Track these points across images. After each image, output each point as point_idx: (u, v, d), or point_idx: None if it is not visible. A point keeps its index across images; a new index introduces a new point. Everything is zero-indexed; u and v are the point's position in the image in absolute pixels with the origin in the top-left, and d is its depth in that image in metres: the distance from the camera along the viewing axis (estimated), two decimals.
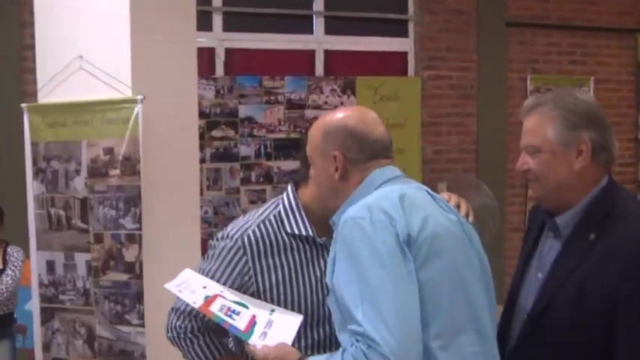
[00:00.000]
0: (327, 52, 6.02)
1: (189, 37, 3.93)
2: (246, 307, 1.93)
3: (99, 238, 3.59)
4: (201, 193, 5.35)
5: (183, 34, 3.88)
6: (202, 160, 5.37)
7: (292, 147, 5.75)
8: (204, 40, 5.43)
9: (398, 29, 6.24)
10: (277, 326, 1.90)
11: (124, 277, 3.57)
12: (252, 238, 1.95)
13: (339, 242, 1.72)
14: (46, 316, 3.74)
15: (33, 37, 4.04)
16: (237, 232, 1.97)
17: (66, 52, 3.74)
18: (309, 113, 5.77)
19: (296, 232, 1.96)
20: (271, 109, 5.69)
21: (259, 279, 1.94)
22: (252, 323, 1.90)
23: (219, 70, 5.70)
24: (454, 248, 1.76)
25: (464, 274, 1.76)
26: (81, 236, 3.63)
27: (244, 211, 5.53)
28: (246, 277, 1.95)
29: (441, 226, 1.75)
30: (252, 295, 1.96)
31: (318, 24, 6.00)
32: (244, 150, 5.64)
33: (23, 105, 3.89)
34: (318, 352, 1.94)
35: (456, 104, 6.30)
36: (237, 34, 5.76)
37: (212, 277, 1.98)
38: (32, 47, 4.12)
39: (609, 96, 6.89)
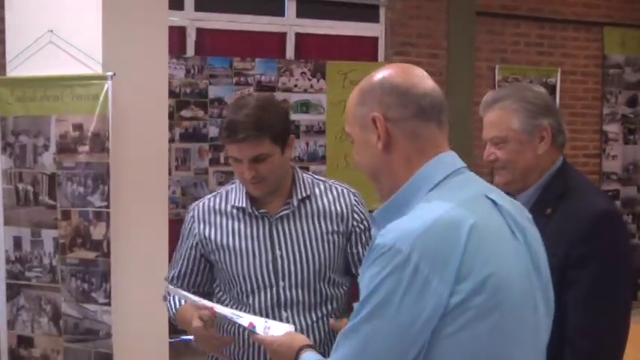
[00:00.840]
0: (298, 35, 6.02)
1: (161, 16, 3.91)
2: (241, 317, 2.03)
3: (66, 215, 3.58)
4: (170, 173, 5.33)
5: (155, 12, 3.86)
6: (171, 140, 5.35)
7: None
8: (176, 19, 5.39)
9: (369, 14, 6.27)
10: (274, 330, 1.97)
11: (91, 254, 3.56)
12: (201, 207, 2.29)
13: (369, 262, 1.41)
14: (12, 292, 3.71)
15: (2, 8, 3.99)
16: (193, 204, 2.36)
17: (36, 25, 3.71)
18: (278, 96, 5.74)
19: (236, 204, 2.23)
20: (241, 90, 5.67)
21: (205, 238, 2.25)
22: (252, 326, 1.98)
23: (190, 50, 5.67)
24: (508, 314, 1.40)
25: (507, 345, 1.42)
26: (48, 212, 3.60)
27: (212, 192, 5.58)
28: (197, 238, 2.26)
29: (504, 284, 1.39)
30: (202, 249, 2.26)
31: (290, 7, 5.99)
32: (213, 131, 5.62)
33: None
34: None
35: None
36: (209, 14, 5.72)
37: (181, 237, 2.33)
38: (1, 20, 4.07)
39: (575, 87, 7.01)
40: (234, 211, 2.23)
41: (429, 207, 1.41)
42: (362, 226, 2.26)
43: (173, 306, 2.32)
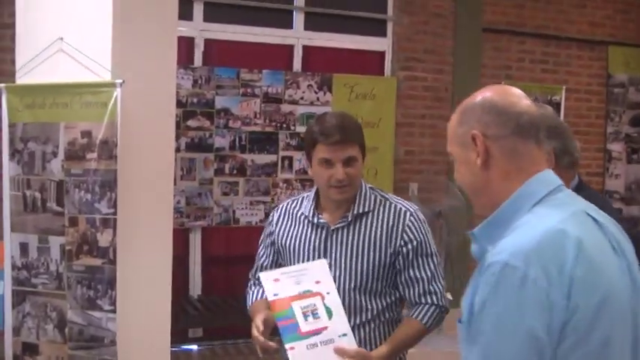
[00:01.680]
0: (305, 48, 6.05)
1: (171, 25, 3.92)
2: (330, 316, 2.26)
3: (74, 222, 3.57)
4: (175, 183, 5.34)
5: (165, 22, 3.87)
6: (177, 150, 5.36)
7: (267, 140, 5.77)
8: (185, 29, 5.42)
9: (377, 28, 6.31)
10: (327, 349, 2.23)
11: (97, 261, 3.55)
12: (280, 209, 2.60)
13: (483, 282, 1.42)
14: (18, 299, 3.69)
15: (12, 15, 4.00)
16: (278, 206, 2.65)
17: (46, 33, 3.71)
18: (284, 108, 5.80)
19: (304, 212, 2.49)
20: (248, 101, 5.71)
21: (278, 233, 2.55)
22: (316, 333, 2.23)
23: (198, 60, 5.70)
24: (616, 328, 1.42)
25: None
26: (56, 219, 3.60)
27: (217, 203, 5.61)
28: (272, 237, 2.58)
29: (613, 298, 1.42)
30: (275, 244, 2.57)
31: (298, 19, 6.03)
32: (219, 141, 5.65)
33: (1, 85, 3.85)
34: None
35: (430, 106, 6.38)
36: (218, 25, 5.76)
37: (263, 234, 2.66)
38: (11, 26, 4.08)
39: (579, 105, 7.04)
40: (302, 217, 2.50)
41: (535, 223, 1.45)
42: (409, 247, 2.38)
43: (251, 298, 2.60)
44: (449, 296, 5.76)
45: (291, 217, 2.53)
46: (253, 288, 2.62)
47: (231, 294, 5.53)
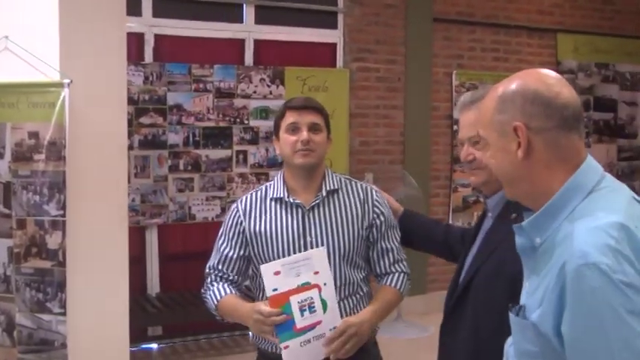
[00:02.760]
0: (256, 42, 6.03)
1: (119, 22, 3.87)
2: (325, 309, 2.31)
3: (22, 224, 3.51)
4: (129, 181, 5.29)
5: (113, 19, 3.82)
6: (130, 147, 5.33)
7: (221, 135, 5.75)
8: (134, 25, 5.36)
9: (328, 21, 6.31)
10: (319, 343, 2.31)
11: (46, 264, 3.51)
12: (245, 200, 2.60)
13: (574, 291, 1.37)
14: None
15: None
16: (238, 199, 2.65)
17: None
18: (237, 102, 5.78)
19: (275, 195, 2.54)
20: (200, 97, 5.67)
21: (247, 227, 2.54)
22: (310, 328, 2.29)
23: (149, 56, 5.65)
24: None
25: None
26: (3, 221, 3.53)
27: (172, 200, 5.57)
28: (240, 227, 2.56)
29: None
30: (245, 238, 2.55)
31: (249, 13, 6.00)
32: (173, 138, 5.61)
33: None
34: None
35: (383, 96, 6.41)
36: (167, 20, 5.70)
37: (224, 228, 2.62)
38: None
39: None
40: (273, 202, 2.54)
41: (602, 216, 1.42)
42: (382, 219, 2.55)
43: (216, 296, 2.55)
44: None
45: (260, 204, 2.56)
46: (215, 284, 2.58)
47: (189, 290, 5.51)
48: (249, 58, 6.00)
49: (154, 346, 5.73)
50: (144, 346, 5.67)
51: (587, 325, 1.35)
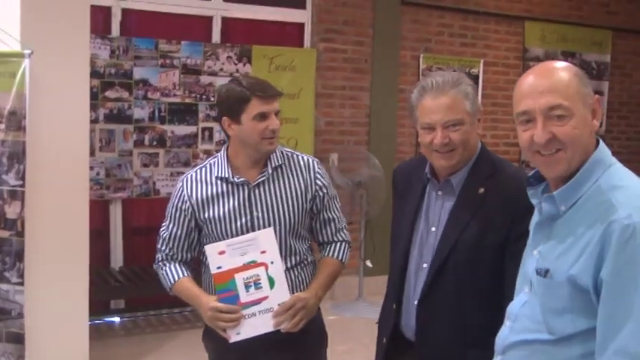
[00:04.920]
0: (224, 19, 6.02)
1: None
2: (272, 286, 2.43)
3: None
4: (94, 154, 5.30)
5: None
6: (95, 121, 5.33)
7: (186, 112, 5.76)
8: None
9: (296, 0, 6.31)
10: (266, 317, 2.43)
11: (5, 234, 3.52)
12: (190, 177, 2.63)
13: (628, 249, 1.57)
14: None
15: None
16: (182, 176, 2.67)
17: None
18: (204, 79, 5.79)
19: (220, 175, 2.58)
20: (166, 72, 5.67)
21: (194, 203, 2.58)
22: (256, 303, 2.41)
23: (115, 30, 5.62)
24: None
25: None
26: None
27: (136, 174, 5.58)
28: (187, 204, 2.59)
29: None
30: (192, 215, 2.59)
31: None
32: (138, 112, 5.61)
33: None
34: None
35: (350, 77, 6.44)
36: None
37: (170, 205, 2.65)
38: None
39: (497, 78, 7.22)
40: (218, 181, 2.58)
41: (633, 182, 1.71)
42: (324, 191, 2.65)
43: (170, 277, 2.62)
44: (369, 264, 5.92)
45: (204, 183, 2.60)
46: (168, 265, 2.66)
47: (152, 265, 5.52)
48: (216, 35, 6.00)
49: (116, 319, 5.76)
50: (106, 319, 5.70)
51: (624, 269, 1.57)
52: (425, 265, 2.27)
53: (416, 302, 2.28)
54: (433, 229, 2.28)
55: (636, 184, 1.70)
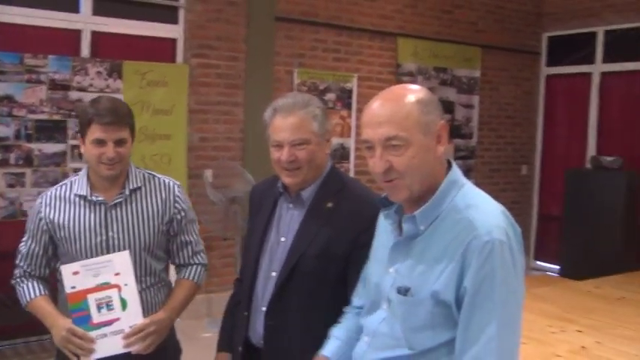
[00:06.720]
0: (94, 34, 5.88)
1: None
2: (124, 308, 2.45)
3: None
4: None
5: None
6: None
7: (55, 129, 5.59)
8: None
9: (168, 15, 6.25)
10: (116, 338, 2.45)
11: None
12: (48, 195, 2.64)
13: (487, 263, 1.68)
14: None
15: None
16: (42, 193, 2.67)
17: None
18: (73, 95, 5.63)
19: (78, 192, 2.60)
20: (33, 88, 5.48)
21: (51, 221, 2.59)
22: (107, 324, 2.44)
23: None
24: None
25: None
26: None
27: (2, 195, 5.36)
28: (44, 221, 2.60)
29: None
30: (49, 233, 2.60)
31: (86, 4, 5.84)
32: (3, 130, 5.38)
33: None
34: None
35: (223, 93, 6.43)
36: None
37: (29, 222, 2.66)
38: None
39: (372, 93, 7.24)
40: (77, 198, 2.60)
41: (485, 201, 1.81)
42: (182, 214, 2.71)
43: (27, 294, 2.61)
44: None
45: (63, 200, 2.61)
46: (25, 281, 2.65)
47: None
48: (85, 49, 5.85)
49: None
50: None
51: (484, 282, 1.68)
52: (274, 274, 2.37)
53: (264, 309, 2.36)
54: (283, 239, 2.40)
55: (488, 202, 1.81)
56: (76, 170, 5.55)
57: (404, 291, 1.80)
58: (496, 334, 1.67)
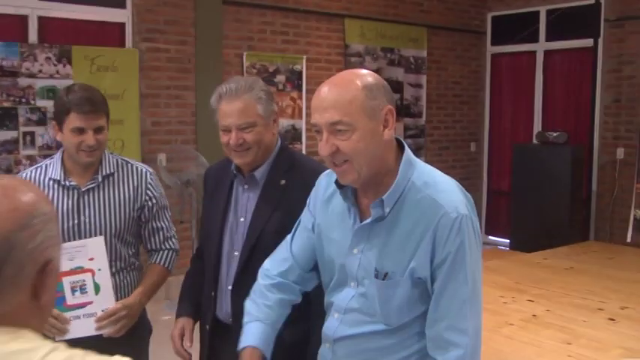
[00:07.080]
0: (41, 19, 5.85)
1: None
2: (97, 292, 2.51)
3: None
4: None
5: None
6: None
7: (6, 116, 5.57)
8: None
9: (116, 0, 6.23)
10: (89, 321, 2.52)
11: None
12: (23, 177, 2.63)
13: (458, 237, 1.79)
14: None
15: None
16: (18, 175, 2.69)
17: None
18: (22, 81, 5.62)
19: (52, 176, 2.64)
20: None
21: None
22: (81, 306, 2.50)
23: None
24: None
25: None
26: None
27: None
28: None
29: None
30: None
31: None
32: None
33: None
34: None
35: (174, 77, 6.47)
36: None
37: None
38: None
39: (320, 74, 7.47)
40: (51, 182, 2.64)
41: (443, 179, 1.89)
42: (153, 201, 2.76)
43: None
44: None
45: (37, 184, 2.62)
46: None
47: None
48: (33, 35, 5.82)
49: None
50: None
51: (455, 256, 1.79)
52: (236, 253, 2.44)
53: (230, 288, 2.44)
54: (242, 219, 2.47)
55: (443, 179, 1.90)
56: (29, 157, 5.58)
57: (382, 275, 1.86)
58: (468, 299, 1.80)
